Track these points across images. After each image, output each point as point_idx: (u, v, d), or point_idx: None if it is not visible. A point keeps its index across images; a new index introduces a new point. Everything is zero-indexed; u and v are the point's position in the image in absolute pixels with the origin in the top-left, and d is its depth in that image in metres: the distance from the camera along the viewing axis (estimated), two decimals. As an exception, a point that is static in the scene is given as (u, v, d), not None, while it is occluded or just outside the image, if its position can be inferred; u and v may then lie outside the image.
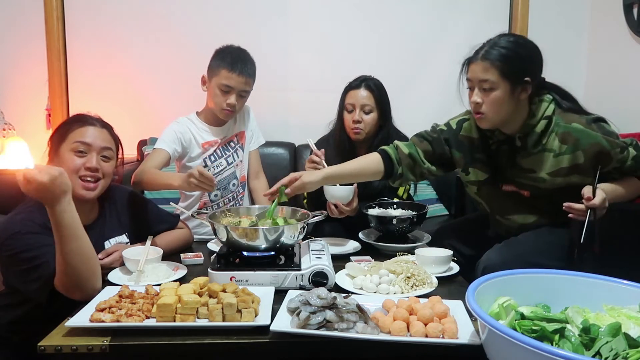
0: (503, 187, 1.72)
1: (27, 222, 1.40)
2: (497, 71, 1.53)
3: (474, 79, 1.59)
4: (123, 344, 1.11)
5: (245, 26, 3.03)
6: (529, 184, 1.66)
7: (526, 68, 1.55)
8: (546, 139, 1.60)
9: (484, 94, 1.57)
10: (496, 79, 1.54)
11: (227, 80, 2.01)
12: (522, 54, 1.56)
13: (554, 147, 1.59)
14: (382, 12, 3.14)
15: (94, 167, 1.50)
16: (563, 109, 1.61)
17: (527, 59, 1.57)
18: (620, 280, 1.14)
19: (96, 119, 1.58)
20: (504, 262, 1.51)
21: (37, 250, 1.35)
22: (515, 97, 1.56)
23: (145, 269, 1.49)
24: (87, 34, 3.03)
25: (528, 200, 1.69)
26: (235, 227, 1.48)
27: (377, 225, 1.89)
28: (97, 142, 1.52)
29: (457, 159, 1.79)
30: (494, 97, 1.56)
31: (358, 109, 2.09)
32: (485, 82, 1.55)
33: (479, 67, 1.56)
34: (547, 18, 3.17)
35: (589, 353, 0.93)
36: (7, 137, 2.92)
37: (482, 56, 1.56)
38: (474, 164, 1.76)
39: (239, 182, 2.23)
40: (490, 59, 1.54)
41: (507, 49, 1.54)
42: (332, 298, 1.18)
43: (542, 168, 1.62)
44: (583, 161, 1.56)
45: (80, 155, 1.50)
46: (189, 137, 2.10)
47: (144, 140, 2.95)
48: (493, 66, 1.54)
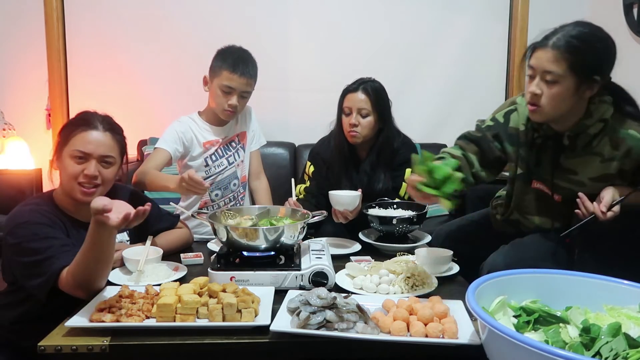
0: (535, 184, 1.63)
1: (35, 213, 1.41)
2: (566, 63, 1.39)
3: (537, 68, 1.44)
4: (123, 344, 1.11)
5: (245, 26, 3.03)
6: (565, 187, 1.56)
7: (598, 65, 1.42)
8: (597, 143, 1.49)
9: (546, 85, 1.43)
10: (563, 72, 1.40)
11: (229, 82, 2.00)
12: (598, 48, 1.42)
13: (604, 152, 1.49)
14: (383, 12, 3.14)
15: (92, 175, 1.47)
16: (621, 113, 1.49)
17: (602, 55, 1.43)
18: (620, 280, 1.14)
19: (102, 121, 1.53)
20: (508, 265, 1.47)
21: (43, 242, 1.35)
22: (578, 95, 1.43)
23: (145, 269, 1.49)
24: (87, 34, 3.03)
25: (557, 205, 1.60)
26: (235, 227, 1.48)
27: (377, 225, 1.89)
28: (98, 151, 1.49)
29: (510, 152, 1.65)
30: (556, 92, 1.42)
31: (355, 113, 2.07)
32: (550, 73, 1.41)
33: (547, 55, 1.41)
34: (547, 18, 3.14)
35: (589, 353, 0.93)
36: (7, 137, 2.92)
37: (553, 44, 1.40)
38: (518, 159, 1.65)
39: (240, 182, 2.23)
40: (562, 49, 1.39)
41: (582, 40, 1.39)
42: (332, 298, 1.18)
43: (585, 172, 1.52)
44: (629, 169, 1.48)
45: (79, 162, 1.48)
46: (190, 136, 2.10)
47: (144, 140, 2.95)
48: (563, 57, 1.39)
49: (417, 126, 3.00)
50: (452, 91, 3.18)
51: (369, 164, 2.13)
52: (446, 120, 3.20)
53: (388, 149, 2.12)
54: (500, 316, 1.07)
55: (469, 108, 3.09)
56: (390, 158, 2.13)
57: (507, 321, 1.07)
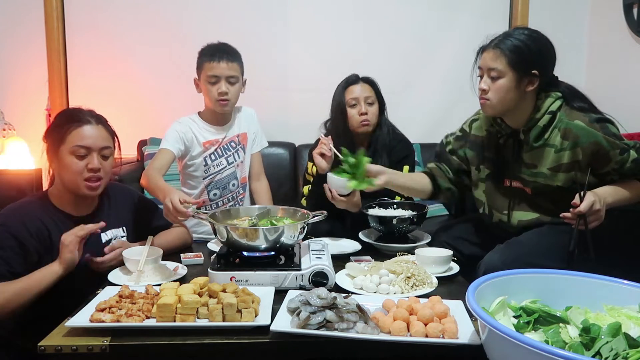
0: (507, 182, 1.74)
1: (12, 216, 1.48)
2: (506, 60, 1.58)
3: (483, 67, 1.64)
4: (123, 344, 1.11)
5: (245, 26, 3.03)
6: (531, 180, 1.68)
7: (535, 61, 1.59)
8: (549, 134, 1.63)
9: (491, 81, 1.62)
10: (503, 68, 1.58)
11: (211, 71, 2.05)
12: (532, 47, 1.59)
13: (555, 142, 1.61)
14: (383, 12, 3.14)
15: (96, 168, 1.52)
16: (571, 107, 1.62)
17: (538, 52, 1.60)
18: (620, 280, 1.14)
19: (90, 115, 1.58)
20: (505, 263, 1.51)
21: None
22: (521, 89, 1.60)
23: (145, 269, 1.49)
24: (87, 34, 3.03)
25: (530, 197, 1.70)
26: (235, 227, 1.48)
27: (377, 225, 1.89)
28: (97, 143, 1.54)
29: (471, 157, 1.84)
30: (500, 85, 1.60)
31: (362, 102, 2.12)
32: (493, 70, 1.60)
33: (489, 55, 1.62)
34: (547, 18, 3.17)
35: (589, 353, 0.93)
36: (7, 137, 2.92)
37: (495, 44, 1.61)
38: (484, 162, 1.80)
39: (240, 182, 2.24)
40: (501, 48, 1.59)
41: (519, 40, 1.58)
42: (332, 298, 1.18)
43: (543, 163, 1.64)
44: (581, 158, 1.58)
45: (81, 157, 1.52)
46: (191, 135, 2.12)
47: (144, 140, 2.95)
48: (503, 55, 1.58)
49: (416, 126, 3.00)
50: (451, 91, 3.17)
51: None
52: (446, 121, 3.18)
53: (384, 143, 2.16)
54: (500, 316, 1.07)
55: (468, 108, 3.08)
56: (387, 153, 2.15)
57: (507, 321, 1.07)
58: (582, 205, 1.46)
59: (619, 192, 1.58)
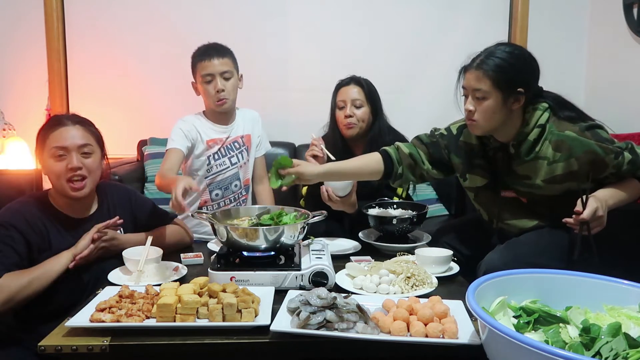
0: (502, 193, 1.72)
1: (15, 212, 1.49)
2: (490, 81, 1.54)
3: (468, 87, 1.60)
4: (123, 344, 1.11)
5: (245, 26, 3.03)
6: (525, 191, 1.66)
7: (520, 79, 1.55)
8: (539, 147, 1.59)
9: (477, 102, 1.58)
10: (488, 89, 1.54)
11: (205, 70, 2.07)
12: (516, 65, 1.55)
13: (547, 154, 1.59)
14: (382, 12, 3.14)
15: (75, 167, 1.51)
16: (559, 118, 1.60)
17: (521, 70, 1.57)
18: (620, 280, 1.14)
19: (69, 118, 1.58)
20: (505, 263, 1.51)
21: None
22: (507, 107, 1.57)
23: (145, 269, 1.50)
24: (87, 34, 3.03)
25: (526, 205, 1.69)
26: (235, 227, 1.48)
27: (377, 225, 1.89)
28: (74, 142, 1.53)
29: (456, 164, 1.79)
30: (486, 106, 1.57)
31: (349, 104, 2.12)
32: (478, 91, 1.56)
33: (473, 75, 1.57)
34: (547, 18, 3.17)
35: (589, 353, 0.93)
36: (7, 137, 2.92)
37: (477, 65, 1.56)
38: (472, 170, 1.76)
39: (242, 184, 2.24)
40: (484, 69, 1.54)
41: (502, 59, 1.54)
42: (332, 298, 1.18)
43: (537, 175, 1.61)
44: (577, 168, 1.55)
45: (60, 159, 1.52)
46: (195, 134, 2.13)
47: (144, 140, 2.95)
48: (486, 76, 1.54)
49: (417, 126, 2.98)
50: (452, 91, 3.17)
51: None
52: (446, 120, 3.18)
53: (381, 144, 2.13)
54: (500, 316, 1.07)
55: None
56: None
57: (507, 321, 1.07)
58: (585, 212, 1.44)
59: (618, 194, 1.57)
